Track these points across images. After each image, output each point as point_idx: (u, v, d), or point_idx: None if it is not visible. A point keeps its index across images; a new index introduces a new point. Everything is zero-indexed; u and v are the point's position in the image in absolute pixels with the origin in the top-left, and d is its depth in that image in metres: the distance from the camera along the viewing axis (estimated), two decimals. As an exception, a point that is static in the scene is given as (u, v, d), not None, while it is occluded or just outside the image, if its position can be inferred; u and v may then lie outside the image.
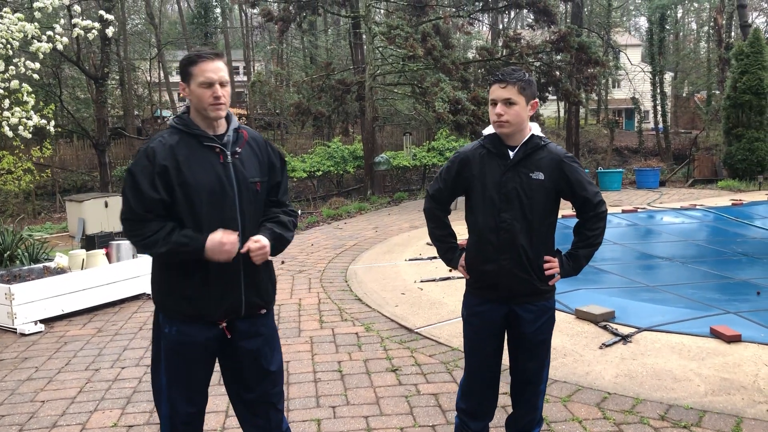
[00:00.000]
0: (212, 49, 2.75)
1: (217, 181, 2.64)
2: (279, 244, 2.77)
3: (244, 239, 2.65)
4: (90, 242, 7.64)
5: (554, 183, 2.96)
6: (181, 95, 2.77)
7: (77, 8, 8.42)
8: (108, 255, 7.04)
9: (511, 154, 2.97)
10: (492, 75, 3.00)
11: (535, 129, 3.01)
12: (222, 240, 2.55)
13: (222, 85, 2.63)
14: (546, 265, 3.01)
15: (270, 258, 2.77)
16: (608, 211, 3.15)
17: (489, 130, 3.05)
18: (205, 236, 2.56)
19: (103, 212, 14.46)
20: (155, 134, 2.68)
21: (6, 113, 7.82)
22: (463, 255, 3.17)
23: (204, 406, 2.88)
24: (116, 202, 14.89)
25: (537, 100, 3.02)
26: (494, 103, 2.92)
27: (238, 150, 2.71)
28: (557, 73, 17.02)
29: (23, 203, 23.27)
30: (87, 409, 4.27)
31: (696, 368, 4.47)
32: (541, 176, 2.93)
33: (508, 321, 3.09)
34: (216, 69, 2.61)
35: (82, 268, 6.78)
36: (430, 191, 3.24)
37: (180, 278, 2.66)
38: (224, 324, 2.73)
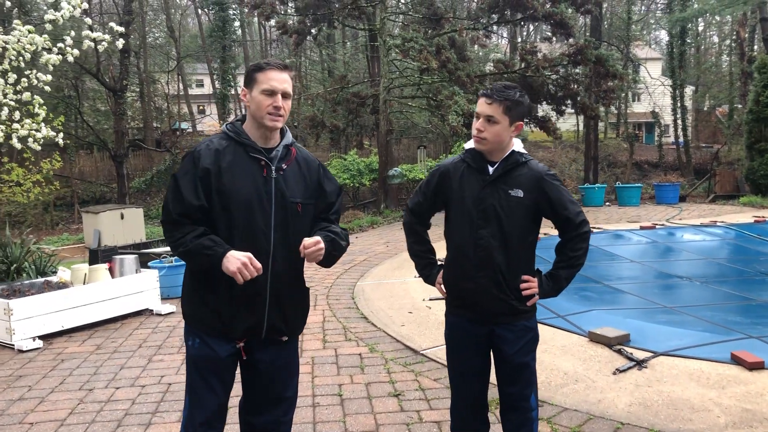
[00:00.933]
0: (281, 61, 2.69)
1: (255, 194, 2.56)
2: (333, 249, 2.65)
3: (275, 258, 2.59)
4: (93, 256, 7.53)
5: (534, 201, 2.85)
6: (242, 100, 2.69)
7: (88, 20, 8.35)
8: (111, 269, 6.93)
9: (491, 169, 2.87)
10: (482, 89, 2.85)
11: (517, 145, 2.91)
12: (244, 261, 2.44)
13: (284, 96, 2.59)
14: (523, 285, 2.90)
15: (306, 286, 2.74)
16: (625, 228, 2.99)
17: (470, 143, 2.94)
18: (229, 248, 2.48)
19: (119, 224, 14.46)
20: (204, 139, 2.67)
21: (15, 125, 7.77)
22: (441, 272, 3.08)
23: (218, 427, 2.73)
24: (133, 214, 14.92)
25: (522, 122, 2.90)
26: (477, 117, 2.83)
27: (284, 167, 2.64)
28: (574, 86, 16.79)
29: (42, 214, 23.43)
30: (75, 432, 4.11)
31: (716, 397, 4.22)
32: (520, 193, 2.83)
33: (490, 341, 2.98)
34: (282, 79, 2.57)
35: (84, 283, 6.66)
36: (410, 204, 3.14)
37: (206, 290, 2.60)
38: (242, 343, 2.64)
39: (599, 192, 18.40)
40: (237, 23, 35.66)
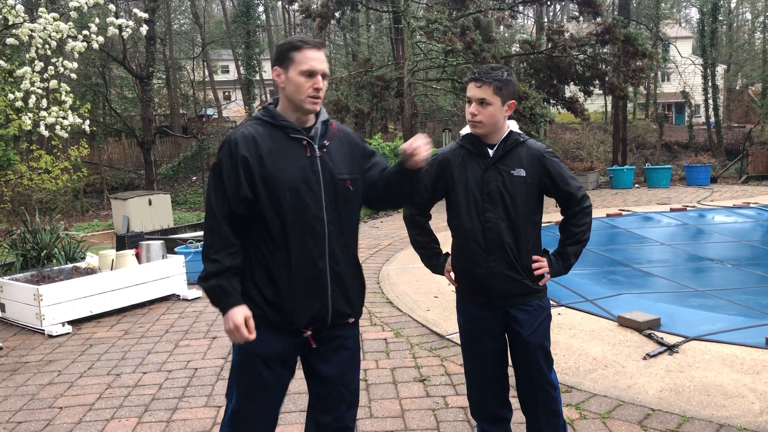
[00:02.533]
0: (317, 39, 2.53)
1: (302, 176, 2.43)
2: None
3: (331, 239, 2.47)
4: (120, 242, 7.60)
5: (536, 179, 2.87)
6: (277, 81, 2.50)
7: (112, 7, 8.36)
8: (138, 255, 6.98)
9: (491, 152, 2.86)
10: (470, 73, 2.83)
11: (513, 126, 2.91)
12: (230, 327, 2.38)
13: (324, 77, 2.44)
14: (535, 265, 2.91)
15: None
16: (655, 210, 2.95)
17: (466, 129, 2.94)
18: (236, 302, 2.40)
19: (147, 210, 14.64)
20: (238, 126, 2.51)
21: (43, 113, 7.84)
22: (449, 260, 3.07)
23: (273, 428, 2.63)
24: (160, 200, 15.10)
25: (514, 101, 2.88)
26: (469, 102, 2.82)
27: (326, 143, 2.51)
28: (602, 66, 16.48)
29: (72, 201, 23.80)
30: (103, 417, 4.15)
31: (750, 383, 4.12)
32: (522, 173, 2.85)
33: (505, 324, 2.96)
34: (320, 59, 2.42)
35: (111, 269, 6.72)
36: None
37: (265, 282, 2.46)
38: (309, 332, 2.52)
39: (628, 174, 18.11)
40: (261, 8, 35.67)
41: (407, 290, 6.90)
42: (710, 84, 27.51)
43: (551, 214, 6.65)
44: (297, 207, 2.42)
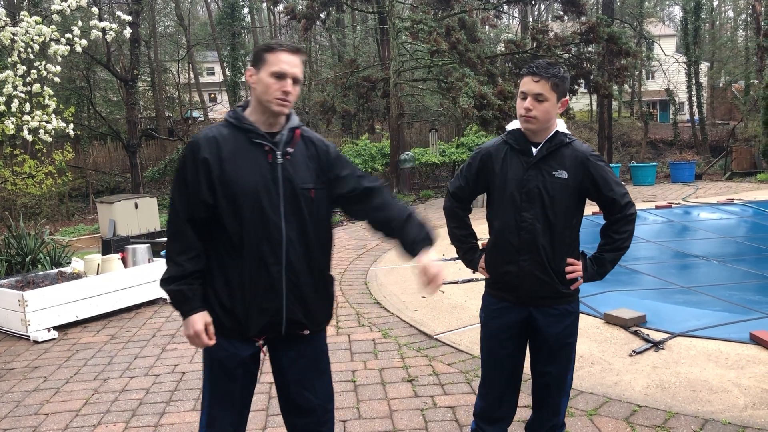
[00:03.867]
0: (294, 44, 2.53)
1: (261, 181, 2.39)
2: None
3: (288, 247, 2.43)
4: (106, 246, 7.55)
5: (578, 182, 2.78)
6: (249, 82, 2.47)
7: (95, 9, 8.31)
8: (124, 259, 6.94)
9: (535, 150, 2.79)
10: (526, 67, 2.78)
11: (560, 126, 2.82)
12: (189, 333, 2.41)
13: (294, 81, 2.41)
14: (568, 269, 2.84)
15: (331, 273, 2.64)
16: (641, 207, 2.94)
17: (513, 125, 2.87)
18: (197, 309, 2.42)
19: (133, 213, 14.49)
20: (204, 128, 2.49)
21: (26, 117, 7.78)
22: (483, 256, 3.03)
23: (243, 428, 2.66)
24: (146, 203, 14.94)
25: (568, 98, 2.82)
26: (524, 97, 2.73)
27: (290, 150, 2.46)
28: (587, 65, 16.56)
29: (57, 205, 23.61)
30: (90, 422, 4.12)
31: (735, 378, 4.16)
32: (564, 175, 2.76)
33: (528, 324, 2.92)
34: (293, 63, 2.40)
35: (97, 273, 6.68)
36: (451, 189, 3.08)
37: (222, 288, 2.45)
38: (261, 341, 2.51)
39: (614, 171, 18.18)
40: (246, 9, 35.55)
41: (395, 291, 6.91)
42: (694, 82, 27.77)
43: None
44: (254, 213, 2.39)
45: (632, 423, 3.71)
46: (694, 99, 28.06)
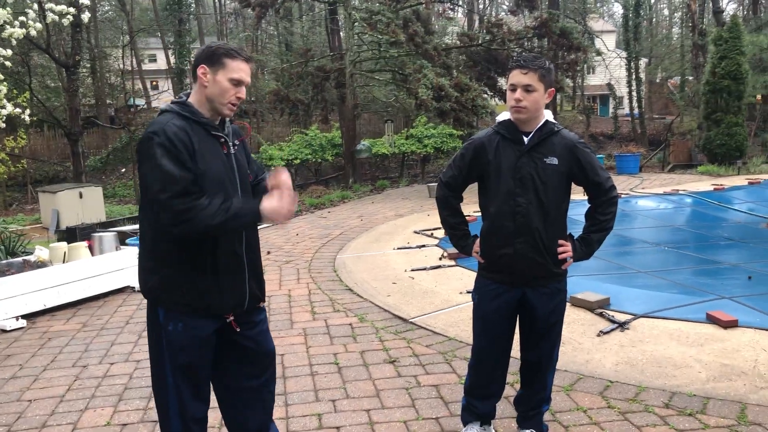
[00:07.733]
0: (246, 53, 2.68)
1: (224, 171, 2.60)
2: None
3: (246, 230, 2.70)
4: (71, 234, 7.43)
5: (568, 168, 3.00)
6: (201, 78, 2.56)
7: (42, -7, 8.12)
8: (90, 247, 6.85)
9: (526, 139, 2.98)
10: (514, 60, 2.96)
11: (548, 115, 3.03)
12: (283, 204, 2.51)
13: (246, 87, 2.64)
14: (560, 249, 3.05)
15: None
16: None
17: (503, 116, 3.05)
18: (257, 202, 2.53)
19: (77, 203, 14.12)
20: (157, 119, 2.53)
21: (-21, 102, 7.55)
22: (477, 241, 3.19)
23: (209, 402, 2.82)
24: (92, 192, 14.60)
25: (554, 89, 3.02)
26: (513, 88, 2.91)
27: (237, 142, 2.71)
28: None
29: (-6, 194, 22.75)
30: (77, 407, 4.12)
31: (695, 354, 4.45)
32: (555, 161, 2.97)
33: (521, 303, 3.12)
34: (248, 72, 2.61)
35: (63, 261, 6.58)
36: (444, 178, 3.23)
37: (190, 271, 2.58)
38: (231, 318, 2.68)
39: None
40: (192, -5, 34.82)
41: (365, 277, 7.03)
42: (634, 77, 28.66)
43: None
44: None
45: (606, 397, 3.95)
46: (634, 93, 28.98)
